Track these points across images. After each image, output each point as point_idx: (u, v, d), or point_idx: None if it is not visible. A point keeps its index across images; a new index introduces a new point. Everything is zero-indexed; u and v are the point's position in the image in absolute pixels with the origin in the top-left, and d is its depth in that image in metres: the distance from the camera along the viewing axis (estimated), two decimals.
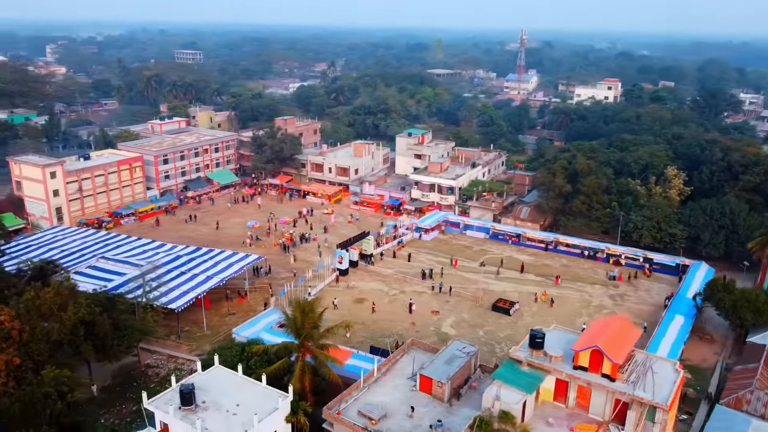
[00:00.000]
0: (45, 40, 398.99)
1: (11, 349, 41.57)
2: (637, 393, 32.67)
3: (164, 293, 59.41)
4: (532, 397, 34.65)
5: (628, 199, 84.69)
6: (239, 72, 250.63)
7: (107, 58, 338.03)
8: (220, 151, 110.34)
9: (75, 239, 74.57)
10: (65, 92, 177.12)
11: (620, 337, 35.36)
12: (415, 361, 43.59)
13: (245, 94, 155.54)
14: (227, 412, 34.12)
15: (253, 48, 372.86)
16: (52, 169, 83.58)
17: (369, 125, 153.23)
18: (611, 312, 67.03)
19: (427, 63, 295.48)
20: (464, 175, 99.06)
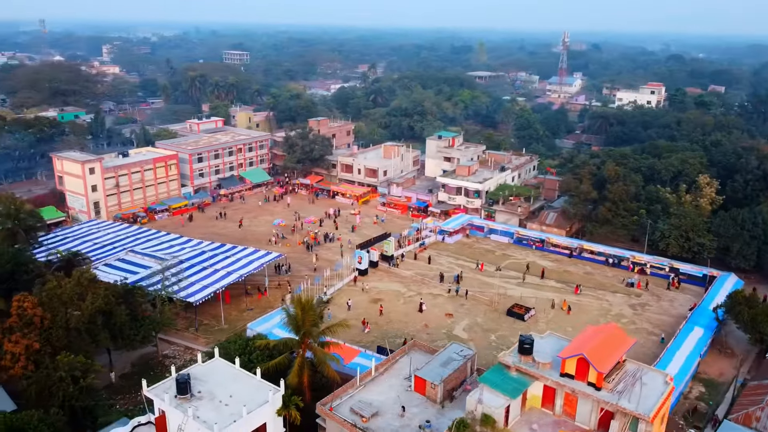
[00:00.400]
0: (103, 41, 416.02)
1: (32, 334, 44.31)
2: (621, 403, 32.40)
3: (184, 287, 61.72)
4: (517, 402, 34.80)
5: (656, 207, 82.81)
6: (282, 73, 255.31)
7: (159, 58, 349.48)
8: (253, 150, 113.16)
9: (108, 233, 78.11)
10: (115, 91, 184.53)
11: (608, 346, 35.08)
12: (413, 361, 44.15)
13: (283, 95, 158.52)
14: (219, 402, 35.59)
15: (299, 49, 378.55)
16: (91, 166, 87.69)
17: (405, 127, 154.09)
18: (630, 321, 66.04)
19: (470, 65, 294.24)
20: (492, 178, 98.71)
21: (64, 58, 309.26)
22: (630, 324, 65.44)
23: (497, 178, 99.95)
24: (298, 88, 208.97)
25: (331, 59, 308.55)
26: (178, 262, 65.83)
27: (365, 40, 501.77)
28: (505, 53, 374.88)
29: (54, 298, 46.48)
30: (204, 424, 33.42)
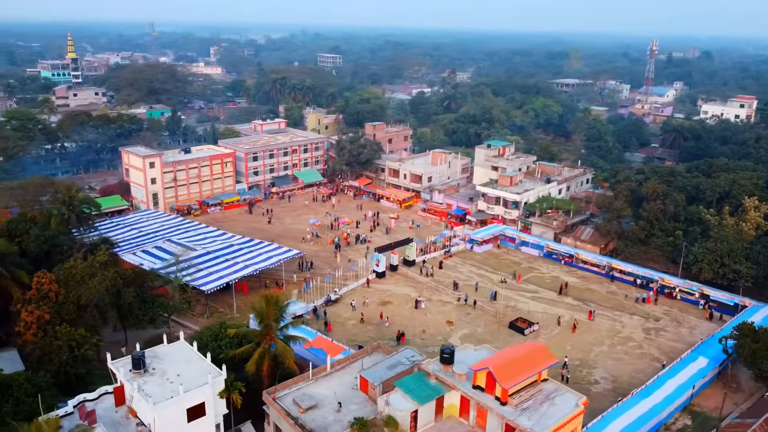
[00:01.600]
0: (214, 42, 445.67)
1: (46, 307, 50.76)
2: (519, 420, 32.70)
3: (202, 276, 67.25)
4: (428, 409, 35.90)
5: (695, 228, 78.60)
6: (368, 76, 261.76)
7: (261, 60, 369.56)
8: (309, 151, 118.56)
9: (155, 222, 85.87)
10: (205, 91, 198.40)
11: (521, 364, 35.25)
12: (368, 362, 46.14)
13: (354, 98, 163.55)
14: (167, 380, 39.55)
15: (393, 53, 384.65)
16: (151, 160, 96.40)
17: (471, 134, 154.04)
18: (637, 345, 63.83)
19: (561, 72, 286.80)
20: (532, 190, 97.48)
21: (173, 59, 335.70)
22: (636, 348, 63.29)
23: (539, 189, 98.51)
24: (378, 91, 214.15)
25: (420, 63, 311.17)
26: (198, 254, 71.76)
27: (464, 43, 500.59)
28: (607, 59, 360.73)
29: (69, 276, 52.90)
30: (145, 396, 37.49)
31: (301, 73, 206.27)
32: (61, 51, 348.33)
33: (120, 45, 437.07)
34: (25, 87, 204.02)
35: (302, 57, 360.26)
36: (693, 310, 72.12)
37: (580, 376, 57.93)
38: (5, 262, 53.21)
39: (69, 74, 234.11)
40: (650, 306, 72.78)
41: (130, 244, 76.63)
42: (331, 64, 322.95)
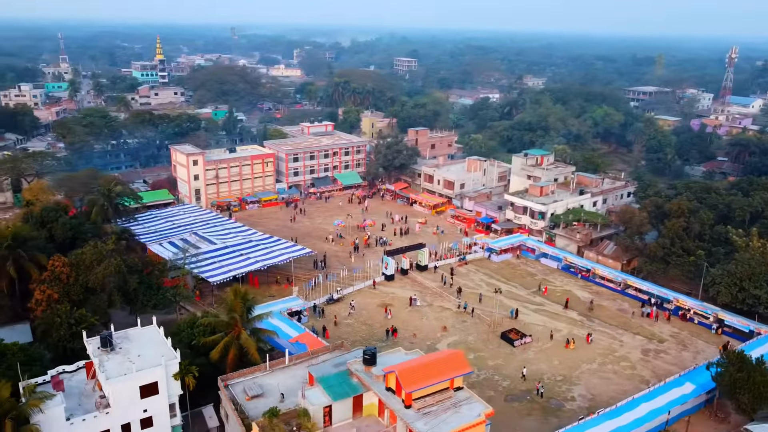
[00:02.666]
0: (300, 45, 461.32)
1: (57, 287, 56.76)
2: (416, 424, 33.78)
3: (213, 267, 72.09)
4: (345, 406, 37.56)
5: (718, 249, 74.77)
6: (437, 81, 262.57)
7: (342, 63, 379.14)
8: (350, 154, 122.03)
9: (189, 216, 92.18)
10: (276, 93, 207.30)
11: (430, 369, 36.15)
12: (326, 358, 48.43)
13: (409, 103, 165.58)
14: (128, 359, 43.71)
15: (473, 57, 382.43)
16: (195, 158, 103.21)
17: (526, 142, 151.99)
18: (630, 366, 62.08)
19: (641, 79, 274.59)
20: (561, 201, 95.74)
21: (257, 61, 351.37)
22: (628, 368, 61.56)
23: (569, 201, 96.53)
24: (442, 96, 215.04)
25: (491, 68, 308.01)
26: (216, 247, 76.73)
27: (552, 47, 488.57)
28: (699, 65, 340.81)
29: (79, 261, 58.76)
30: (104, 371, 41.81)
31: (364, 77, 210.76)
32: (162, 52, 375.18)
33: (214, 47, 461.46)
34: (115, 86, 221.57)
35: (380, 61, 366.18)
36: (705, 334, 68.88)
37: (557, 391, 57.33)
38: (28, 246, 59.79)
39: (156, 74, 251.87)
40: (659, 327, 70.19)
41: (160, 235, 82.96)
42: (406, 67, 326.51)
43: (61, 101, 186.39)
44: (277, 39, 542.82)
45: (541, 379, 58.33)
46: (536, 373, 60.02)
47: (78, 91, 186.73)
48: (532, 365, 61.58)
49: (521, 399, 56.07)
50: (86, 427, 40.94)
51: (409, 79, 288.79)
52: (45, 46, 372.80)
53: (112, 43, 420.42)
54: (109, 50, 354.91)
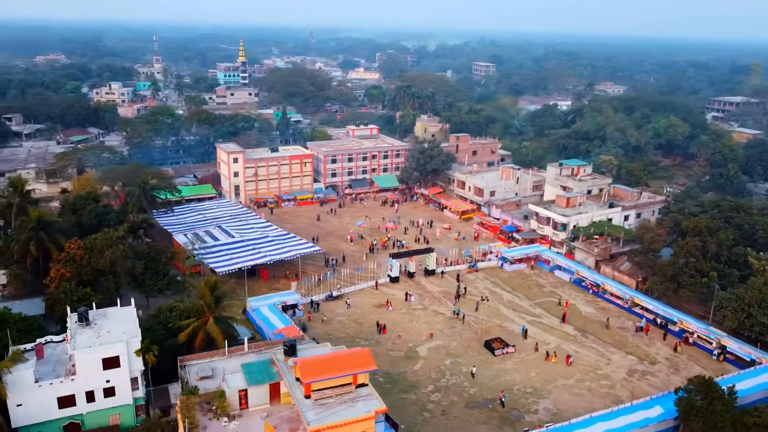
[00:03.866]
0: (385, 48, 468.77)
1: (70, 267, 63.53)
2: (306, 413, 35.73)
3: (224, 258, 77.25)
4: (259, 391, 40.05)
5: (733, 272, 70.80)
6: (509, 87, 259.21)
7: (421, 67, 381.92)
8: (389, 158, 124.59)
9: (221, 210, 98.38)
10: (345, 95, 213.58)
11: (331, 364, 37.93)
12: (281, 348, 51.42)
13: (464, 108, 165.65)
14: (98, 334, 48.79)
15: (557, 62, 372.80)
16: (235, 156, 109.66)
17: (582, 151, 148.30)
18: (610, 386, 60.45)
19: (733, 89, 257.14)
20: (585, 213, 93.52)
21: (339, 64, 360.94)
22: (606, 387, 60.09)
23: (595, 213, 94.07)
24: (507, 103, 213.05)
25: (568, 75, 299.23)
26: (233, 240, 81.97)
27: (647, 54, 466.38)
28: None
29: (92, 246, 65.31)
30: (73, 342, 47.03)
31: (427, 81, 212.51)
32: (252, 54, 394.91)
33: (303, 50, 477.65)
34: (197, 86, 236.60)
35: (459, 65, 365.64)
36: (705, 360, 65.62)
37: (523, 403, 57.15)
38: (50, 229, 67.13)
39: (238, 76, 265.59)
40: (657, 348, 67.62)
41: (188, 226, 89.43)
42: (483, 72, 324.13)
43: (145, 99, 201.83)
44: (366, 42, 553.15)
45: (510, 389, 58.36)
46: (509, 383, 60.05)
47: (159, 90, 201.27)
48: (508, 375, 61.61)
49: (483, 406, 56.45)
50: (52, 389, 46.28)
51: (483, 84, 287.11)
52: (148, 48, 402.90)
53: (210, 45, 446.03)
54: (200, 52, 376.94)
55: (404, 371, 61.81)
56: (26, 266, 66.21)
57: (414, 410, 55.57)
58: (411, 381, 60.20)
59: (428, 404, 56.60)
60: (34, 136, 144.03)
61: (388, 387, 58.97)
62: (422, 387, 59.20)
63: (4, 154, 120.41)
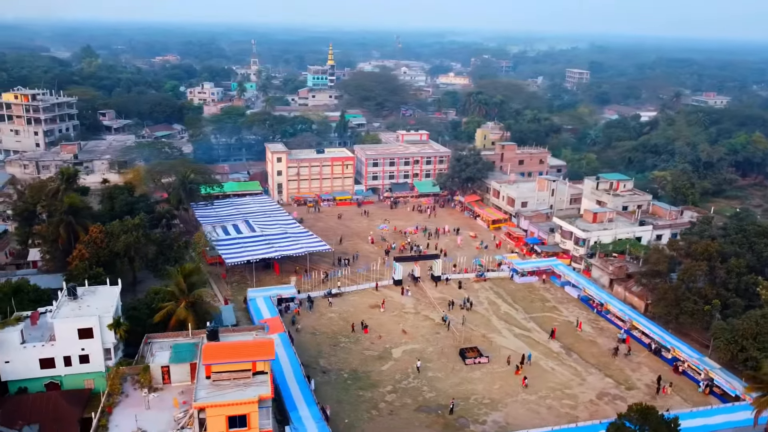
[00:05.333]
0: (488, 52, 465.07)
1: (90, 249, 71.81)
2: (198, 392, 39.38)
3: (237, 250, 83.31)
4: (180, 369, 44.17)
5: (737, 300, 66.30)
6: (596, 95, 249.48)
7: (517, 73, 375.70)
8: (431, 163, 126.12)
9: (256, 206, 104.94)
10: (416, 101, 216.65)
11: (233, 350, 41.27)
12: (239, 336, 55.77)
13: (527, 116, 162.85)
14: (79, 307, 55.53)
15: (664, 69, 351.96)
16: (279, 156, 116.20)
17: (648, 165, 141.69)
18: (572, 405, 59.28)
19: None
20: (607, 230, 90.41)
21: (429, 69, 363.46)
22: (567, 407, 58.92)
23: (620, 230, 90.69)
24: (585, 112, 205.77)
25: (663, 85, 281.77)
26: (253, 234, 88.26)
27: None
28: None
29: (112, 231, 73.37)
30: (55, 312, 54.04)
31: (500, 88, 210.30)
32: (352, 57, 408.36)
33: (400, 53, 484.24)
34: (285, 87, 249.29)
35: (555, 71, 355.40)
36: (689, 391, 62.31)
37: (474, 413, 57.63)
38: (80, 214, 76.01)
39: (326, 78, 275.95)
40: (641, 373, 64.92)
41: (219, 219, 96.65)
42: (576, 79, 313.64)
43: (233, 99, 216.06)
44: (469, 46, 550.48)
45: (468, 398, 59.05)
46: (469, 392, 60.64)
47: (245, 91, 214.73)
48: (470, 384, 62.10)
49: (432, 411, 57.61)
50: (35, 351, 53.53)
51: (572, 92, 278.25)
52: (257, 50, 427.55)
53: (313, 48, 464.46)
54: (302, 55, 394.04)
55: (371, 370, 64.07)
56: (58, 246, 75.42)
57: (364, 407, 57.87)
58: (373, 380, 62.40)
59: (380, 403, 58.63)
60: (122, 130, 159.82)
61: (350, 383, 61.79)
62: (381, 386, 61.24)
63: (89, 146, 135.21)
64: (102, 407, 42.09)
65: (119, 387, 43.99)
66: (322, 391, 59.69)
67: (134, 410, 42.03)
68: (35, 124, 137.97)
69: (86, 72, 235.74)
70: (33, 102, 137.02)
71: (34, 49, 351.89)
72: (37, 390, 54.56)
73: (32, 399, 52.25)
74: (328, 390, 60.29)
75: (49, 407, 51.14)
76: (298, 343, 68.36)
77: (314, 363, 64.97)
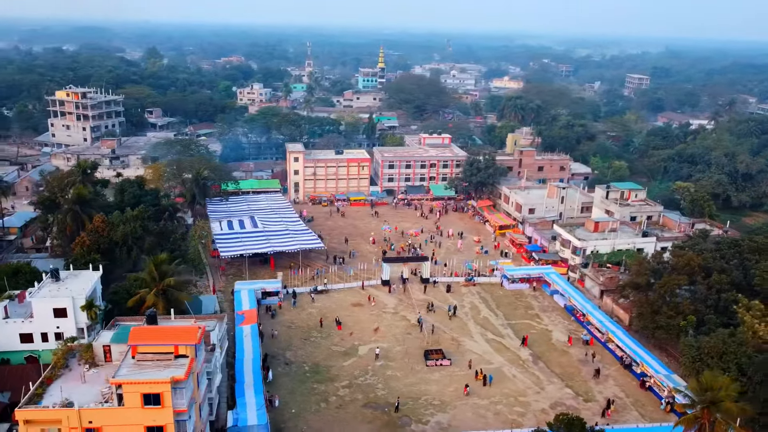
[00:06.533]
0: (549, 56, 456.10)
1: (92, 237, 77.47)
2: (120, 371, 42.61)
3: (233, 244, 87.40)
4: (119, 348, 47.45)
5: (711, 317, 63.83)
6: (648, 102, 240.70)
7: (577, 77, 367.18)
8: (448, 167, 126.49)
9: (266, 203, 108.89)
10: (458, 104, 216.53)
11: (159, 334, 44.21)
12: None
13: (560, 122, 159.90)
14: (58, 289, 60.45)
15: (736, 75, 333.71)
16: (296, 155, 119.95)
17: (683, 175, 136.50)
18: (521, 413, 59.10)
19: None
20: (606, 240, 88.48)
21: (484, 73, 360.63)
22: (516, 414, 58.81)
23: (618, 241, 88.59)
24: (631, 118, 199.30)
25: (731, 92, 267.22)
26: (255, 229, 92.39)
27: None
28: None
29: (113, 222, 78.83)
30: (35, 292, 59.15)
31: (542, 93, 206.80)
32: (413, 60, 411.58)
33: (464, 56, 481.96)
34: (333, 89, 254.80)
35: (615, 76, 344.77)
36: (651, 408, 60.73)
37: (420, 413, 58.52)
38: (87, 205, 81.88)
39: (375, 81, 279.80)
40: (604, 387, 63.72)
41: (228, 214, 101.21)
42: (635, 85, 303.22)
43: (279, 100, 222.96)
44: (536, 50, 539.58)
45: (419, 398, 60.03)
46: (421, 393, 61.54)
47: (291, 92, 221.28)
48: (426, 385, 62.94)
49: (378, 408, 58.95)
50: (16, 326, 58.64)
51: (626, 98, 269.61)
52: (317, 52, 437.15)
53: (373, 51, 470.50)
54: (359, 57, 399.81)
55: (332, 365, 66.04)
56: (66, 234, 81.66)
57: (314, 400, 59.97)
58: (332, 374, 64.36)
59: (331, 397, 60.56)
60: (166, 127, 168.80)
61: (308, 376, 64.06)
62: (338, 381, 63.12)
63: (129, 142, 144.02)
64: (42, 379, 46.14)
65: (63, 362, 48.07)
66: (280, 382, 62.39)
67: (71, 384, 45.89)
68: (84, 120, 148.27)
69: (147, 72, 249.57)
70: (83, 99, 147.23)
71: (110, 50, 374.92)
72: (18, 362, 59.85)
73: (9, 370, 57.48)
74: (285, 381, 62.80)
75: (23, 378, 56.05)
76: (272, 335, 71.43)
77: (280, 355, 67.64)
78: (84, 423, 42.68)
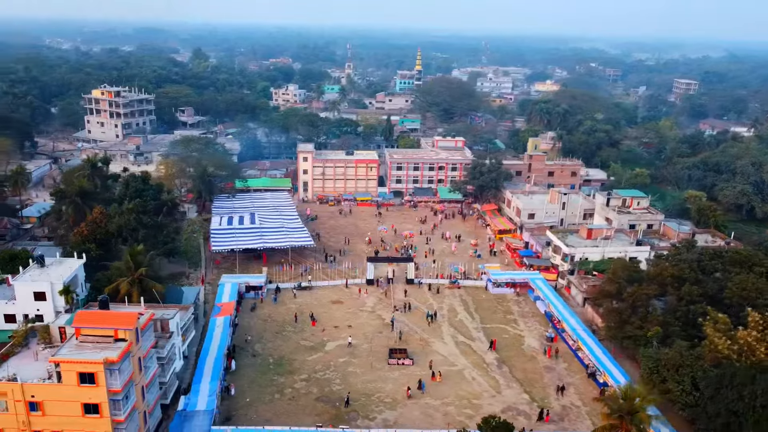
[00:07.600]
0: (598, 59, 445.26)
1: (89, 228, 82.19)
2: (61, 350, 45.81)
3: (227, 239, 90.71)
4: (72, 330, 51.06)
5: (676, 329, 62.30)
6: (691, 108, 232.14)
7: (625, 82, 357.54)
8: (457, 170, 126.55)
9: (270, 201, 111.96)
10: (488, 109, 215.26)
11: (101, 318, 47.00)
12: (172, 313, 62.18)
13: (582, 128, 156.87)
14: (40, 274, 64.68)
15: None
16: (305, 155, 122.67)
17: (707, 184, 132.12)
18: (471, 415, 59.40)
19: None
20: (596, 247, 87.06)
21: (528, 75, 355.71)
22: (465, 417, 59.07)
23: (608, 249, 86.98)
24: (666, 125, 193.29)
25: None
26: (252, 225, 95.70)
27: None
28: None
29: (110, 214, 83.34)
30: (18, 276, 63.63)
31: (577, 97, 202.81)
32: (461, 63, 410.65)
33: (511, 59, 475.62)
34: (368, 90, 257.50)
35: (663, 81, 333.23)
36: None
37: (369, 408, 59.66)
38: (88, 197, 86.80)
39: (412, 83, 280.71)
40: (562, 394, 63.17)
41: (231, 210, 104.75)
42: (682, 91, 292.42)
43: (312, 101, 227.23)
44: (587, 53, 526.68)
45: (372, 395, 61.23)
46: (376, 390, 62.69)
47: (323, 93, 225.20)
48: (382, 383, 64.00)
49: (329, 402, 60.42)
50: (0, 308, 63.45)
51: (669, 104, 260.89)
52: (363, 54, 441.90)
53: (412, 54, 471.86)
54: (397, 59, 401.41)
55: (296, 359, 67.95)
56: (69, 224, 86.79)
57: (270, 390, 62.02)
58: (294, 368, 66.25)
59: (287, 389, 62.45)
60: (196, 126, 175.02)
61: (271, 368, 66.18)
62: (297, 374, 64.98)
63: (155, 139, 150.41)
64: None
65: (22, 341, 51.89)
66: (242, 373, 64.79)
67: (25, 361, 49.56)
68: (116, 118, 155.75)
69: (190, 72, 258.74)
70: (116, 98, 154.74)
71: (164, 51, 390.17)
72: (3, 341, 64.31)
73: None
74: (248, 372, 65.13)
75: None
76: (247, 327, 74.15)
77: (250, 347, 70.06)
78: (27, 397, 46.12)
